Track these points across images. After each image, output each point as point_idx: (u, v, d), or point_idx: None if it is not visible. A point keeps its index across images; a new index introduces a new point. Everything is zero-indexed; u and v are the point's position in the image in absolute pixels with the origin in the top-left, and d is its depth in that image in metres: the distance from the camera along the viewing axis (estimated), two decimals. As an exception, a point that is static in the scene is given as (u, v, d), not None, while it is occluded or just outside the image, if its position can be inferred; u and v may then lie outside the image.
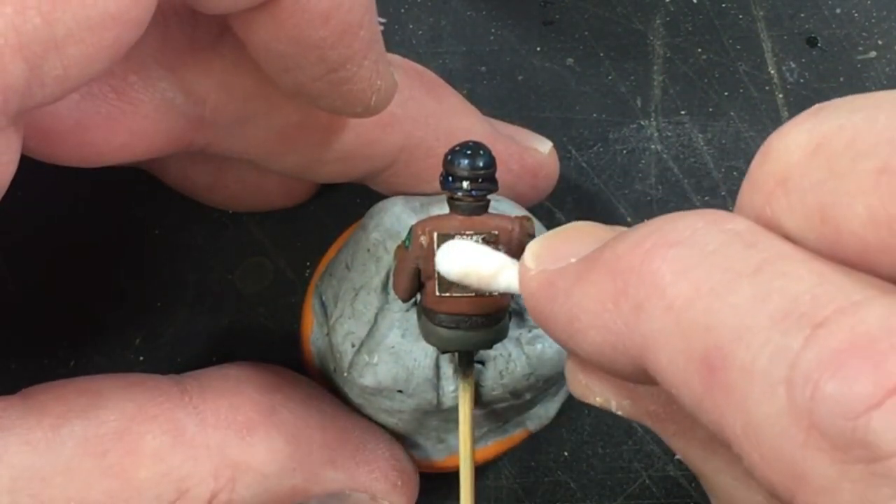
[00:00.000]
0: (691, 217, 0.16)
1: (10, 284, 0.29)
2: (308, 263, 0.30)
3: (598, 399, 0.20)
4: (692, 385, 0.15)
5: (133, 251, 0.29)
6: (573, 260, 0.18)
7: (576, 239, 0.18)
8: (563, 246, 0.18)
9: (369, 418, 0.25)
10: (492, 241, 0.22)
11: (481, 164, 0.22)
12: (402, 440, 0.26)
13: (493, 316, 0.23)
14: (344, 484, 0.23)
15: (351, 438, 0.24)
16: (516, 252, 0.22)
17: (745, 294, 0.14)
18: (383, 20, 0.21)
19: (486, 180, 0.22)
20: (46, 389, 0.21)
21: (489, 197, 0.22)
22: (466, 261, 0.20)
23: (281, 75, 0.21)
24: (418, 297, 0.24)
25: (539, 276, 0.18)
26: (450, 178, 0.22)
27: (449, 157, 0.22)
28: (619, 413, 0.20)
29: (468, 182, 0.22)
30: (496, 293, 0.22)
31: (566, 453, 0.29)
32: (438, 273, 0.22)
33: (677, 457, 0.29)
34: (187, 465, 0.21)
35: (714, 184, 0.31)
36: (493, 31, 0.32)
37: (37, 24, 0.16)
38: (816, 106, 0.16)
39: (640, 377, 0.16)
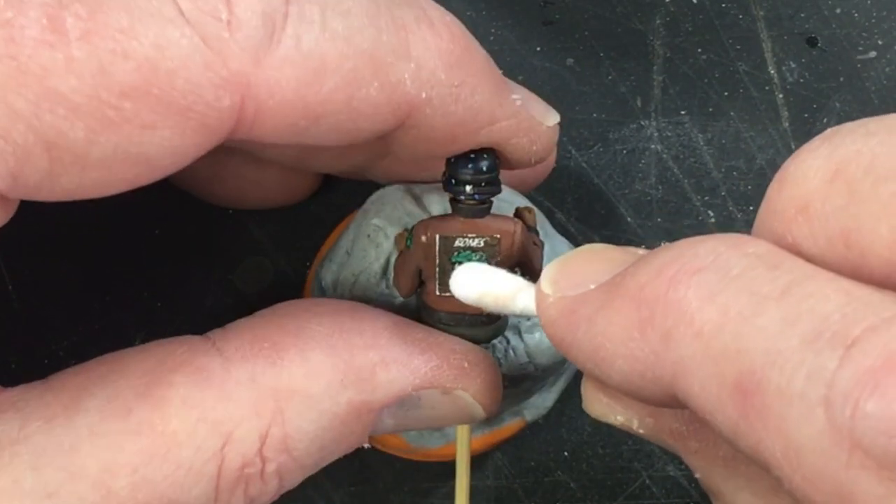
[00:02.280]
0: (712, 241, 0.16)
1: (10, 284, 0.29)
2: (308, 263, 0.30)
3: (619, 419, 0.20)
4: (727, 410, 0.15)
5: (133, 251, 0.29)
6: (592, 286, 0.18)
7: (593, 263, 0.18)
8: (581, 271, 0.18)
9: None
10: (494, 244, 0.22)
11: (484, 167, 0.22)
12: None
13: (491, 315, 0.23)
14: (405, 384, 0.21)
15: (395, 334, 0.22)
16: (520, 254, 0.22)
17: (774, 316, 0.14)
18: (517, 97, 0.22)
19: (490, 184, 0.22)
20: (68, 369, 0.20)
21: None
22: (482, 285, 0.20)
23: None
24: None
25: (558, 303, 0.18)
26: (452, 181, 0.22)
27: (452, 160, 0.22)
28: (641, 432, 0.20)
29: (471, 186, 0.22)
30: (513, 315, 0.21)
31: (566, 453, 0.29)
32: (439, 274, 0.22)
33: (682, 464, 0.29)
34: (221, 405, 0.19)
35: (714, 184, 0.31)
36: (493, 31, 0.32)
37: (79, 137, 0.16)
38: (829, 130, 0.16)
39: (669, 403, 0.16)
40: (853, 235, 0.15)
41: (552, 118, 0.23)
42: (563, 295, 0.18)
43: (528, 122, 0.22)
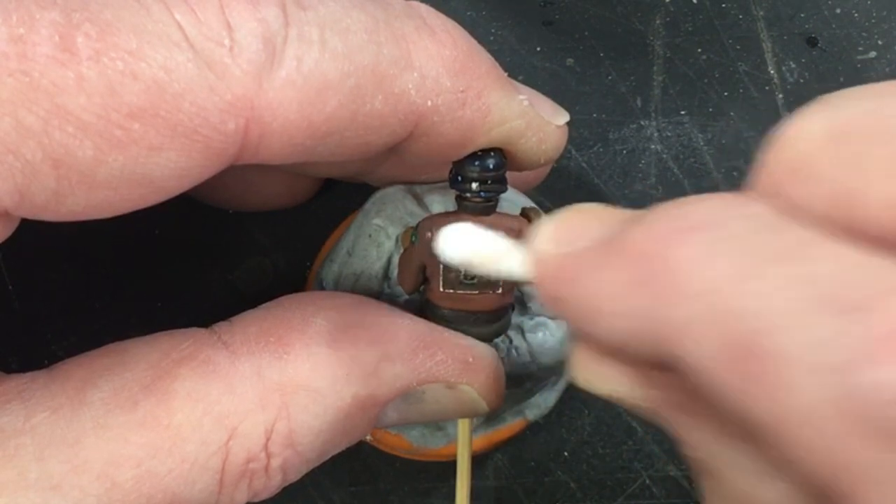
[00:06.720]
0: (713, 201, 0.16)
1: (10, 284, 0.29)
2: (308, 264, 0.30)
3: (607, 387, 0.20)
4: (724, 374, 0.14)
5: (133, 251, 0.29)
6: (589, 243, 0.17)
7: (590, 221, 0.18)
8: (577, 228, 0.18)
9: None
10: None
11: (491, 165, 0.22)
12: (399, 426, 0.26)
13: (495, 313, 0.23)
14: (409, 378, 0.21)
15: (401, 329, 0.22)
16: None
17: (776, 279, 0.14)
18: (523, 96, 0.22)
19: (496, 181, 0.22)
20: (72, 359, 0.20)
21: None
22: (470, 245, 0.20)
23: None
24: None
25: (554, 260, 0.18)
26: (459, 178, 0.22)
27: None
28: (633, 402, 0.19)
29: (477, 184, 0.22)
30: (501, 279, 0.21)
31: (566, 453, 0.29)
32: (443, 272, 0.22)
33: (682, 465, 0.29)
34: (226, 399, 0.19)
35: (714, 184, 0.31)
36: (493, 31, 0.32)
37: (88, 156, 0.16)
38: (824, 97, 0.16)
39: (661, 364, 0.16)
40: (848, 197, 0.14)
41: (561, 117, 0.23)
42: (558, 252, 0.18)
43: (537, 121, 0.22)
